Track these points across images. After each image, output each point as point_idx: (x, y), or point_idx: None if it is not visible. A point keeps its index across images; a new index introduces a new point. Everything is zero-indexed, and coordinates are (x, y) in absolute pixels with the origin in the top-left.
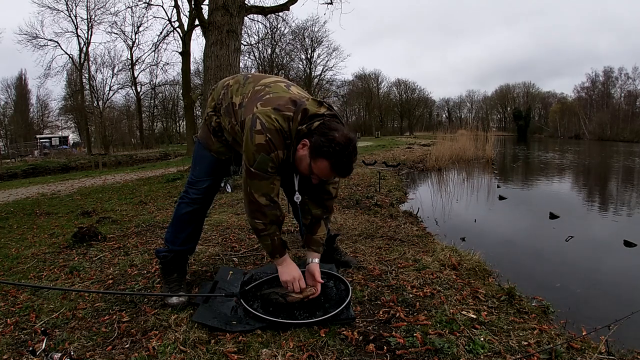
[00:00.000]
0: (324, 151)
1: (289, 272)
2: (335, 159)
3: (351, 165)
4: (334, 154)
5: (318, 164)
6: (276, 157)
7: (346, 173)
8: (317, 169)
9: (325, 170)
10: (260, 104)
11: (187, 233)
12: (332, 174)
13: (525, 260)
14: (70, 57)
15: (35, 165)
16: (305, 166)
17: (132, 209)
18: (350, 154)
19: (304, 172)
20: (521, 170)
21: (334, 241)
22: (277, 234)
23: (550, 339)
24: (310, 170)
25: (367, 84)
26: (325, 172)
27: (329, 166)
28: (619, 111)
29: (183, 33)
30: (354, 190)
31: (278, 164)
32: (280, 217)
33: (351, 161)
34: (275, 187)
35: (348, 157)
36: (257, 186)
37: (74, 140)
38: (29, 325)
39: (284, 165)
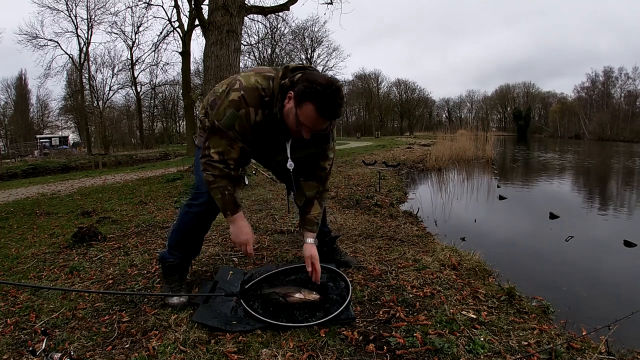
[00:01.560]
0: (307, 94)
1: (239, 233)
2: (319, 99)
3: (337, 106)
4: (317, 94)
5: (303, 110)
6: (246, 114)
7: (333, 114)
8: (304, 116)
9: (312, 115)
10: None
11: (194, 239)
12: (319, 118)
13: (525, 260)
14: (70, 57)
15: (35, 165)
16: (293, 119)
17: (132, 209)
18: (334, 94)
19: (292, 127)
20: (521, 171)
21: (334, 242)
22: (229, 189)
23: (550, 339)
24: (298, 122)
25: (367, 84)
26: (311, 117)
27: (314, 109)
28: (619, 111)
29: (183, 33)
30: (354, 190)
31: (247, 125)
32: (233, 175)
33: (336, 101)
34: (232, 152)
35: (332, 96)
36: (216, 142)
37: (74, 140)
38: (29, 325)
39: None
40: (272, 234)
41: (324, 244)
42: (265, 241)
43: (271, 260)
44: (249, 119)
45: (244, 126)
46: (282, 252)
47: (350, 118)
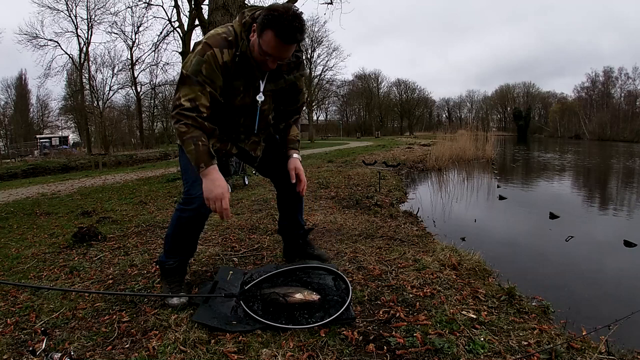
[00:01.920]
0: (266, 21)
1: (212, 186)
2: (277, 25)
3: (295, 30)
4: (275, 21)
5: (264, 38)
6: (213, 56)
7: (292, 38)
8: (265, 44)
9: (272, 41)
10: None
11: (190, 241)
12: (280, 44)
13: (525, 260)
14: (70, 57)
15: (35, 165)
16: (257, 50)
17: (132, 209)
18: (293, 19)
19: (258, 58)
20: (521, 171)
21: (307, 235)
22: (203, 140)
23: (550, 339)
24: (261, 52)
25: (367, 84)
26: (272, 44)
27: (273, 35)
28: (619, 111)
29: (183, 33)
30: (354, 190)
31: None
32: (207, 125)
33: (294, 25)
34: (203, 97)
35: (290, 20)
36: (186, 91)
37: (74, 140)
38: (29, 325)
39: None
40: (272, 234)
41: (299, 237)
42: (265, 241)
43: (271, 260)
44: (216, 60)
45: (211, 68)
46: (282, 251)
47: (350, 118)
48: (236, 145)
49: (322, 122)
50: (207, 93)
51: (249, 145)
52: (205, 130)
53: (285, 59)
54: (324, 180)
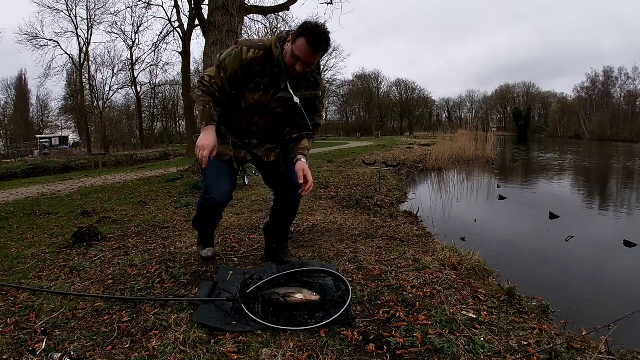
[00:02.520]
0: (300, 31)
1: (203, 138)
2: (310, 34)
3: (323, 40)
4: (308, 30)
5: (297, 44)
6: (239, 52)
7: (320, 47)
8: (298, 49)
9: (304, 47)
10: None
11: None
12: (310, 50)
13: (525, 260)
14: (70, 57)
15: (35, 165)
16: (289, 55)
17: (132, 209)
18: (322, 31)
19: (289, 62)
20: (521, 171)
21: (286, 242)
22: (210, 105)
23: (550, 339)
24: (293, 55)
25: (367, 84)
26: (304, 49)
27: (305, 42)
28: (619, 111)
29: (183, 33)
30: (354, 190)
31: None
32: (217, 96)
33: (323, 37)
34: (218, 78)
35: (320, 32)
36: (211, 70)
37: (74, 140)
38: (29, 325)
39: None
40: None
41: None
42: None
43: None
44: (240, 56)
45: (234, 62)
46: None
47: (350, 118)
48: (250, 152)
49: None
50: (221, 77)
51: (262, 151)
52: (215, 99)
53: (312, 65)
54: (324, 180)
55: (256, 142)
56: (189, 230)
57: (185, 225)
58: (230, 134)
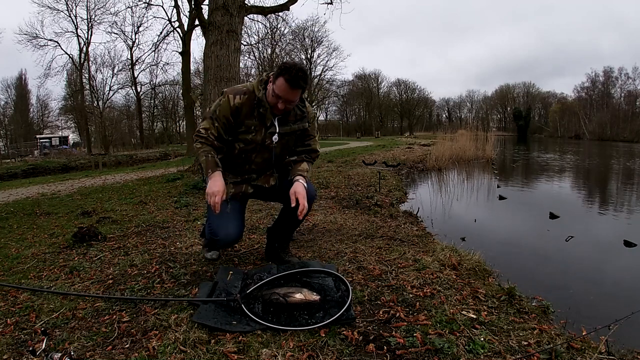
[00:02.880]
0: (279, 71)
1: (213, 184)
2: (287, 73)
3: (300, 78)
4: (286, 70)
5: (277, 84)
6: (226, 101)
7: (297, 84)
8: (278, 88)
9: (282, 85)
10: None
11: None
12: (288, 87)
13: (525, 260)
14: (70, 57)
15: (35, 165)
16: (271, 94)
17: (132, 209)
18: (299, 69)
19: (272, 101)
20: (521, 171)
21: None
22: (212, 153)
23: (550, 339)
24: (274, 94)
25: (367, 84)
26: (283, 87)
27: (284, 81)
28: (619, 111)
29: (183, 33)
30: (354, 190)
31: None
32: (216, 144)
33: (299, 74)
34: (213, 129)
35: (297, 70)
36: (204, 123)
37: (74, 140)
38: (29, 325)
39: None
40: None
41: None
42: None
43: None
44: (228, 104)
45: (224, 110)
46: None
47: (350, 118)
48: (250, 185)
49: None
50: (217, 127)
51: (262, 180)
52: (214, 148)
53: (292, 102)
54: (324, 180)
55: (255, 176)
56: (189, 230)
57: (185, 225)
58: (230, 174)
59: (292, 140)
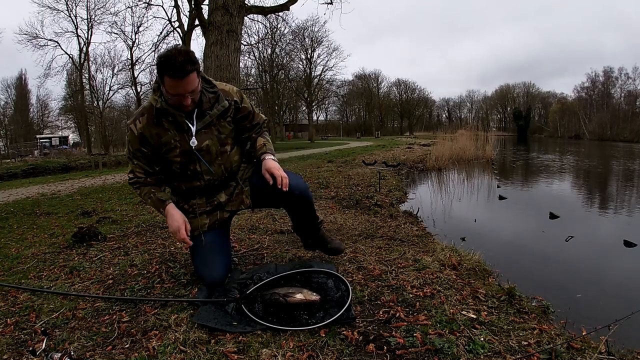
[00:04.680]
0: (159, 71)
1: (171, 222)
2: (165, 68)
3: (182, 63)
4: (162, 66)
5: (165, 83)
6: (131, 133)
7: (182, 71)
8: (169, 88)
9: (171, 82)
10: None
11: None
12: (176, 81)
13: (525, 260)
14: (70, 57)
15: (35, 165)
16: (170, 99)
17: (132, 209)
18: (174, 56)
19: (175, 103)
20: (521, 171)
21: (319, 229)
22: (152, 191)
23: (550, 339)
24: (171, 95)
25: (367, 84)
26: (172, 84)
27: (168, 77)
28: (619, 111)
29: (183, 33)
30: (354, 190)
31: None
32: (150, 181)
33: (178, 60)
34: (136, 167)
35: (173, 59)
36: (128, 167)
37: (74, 140)
38: (29, 325)
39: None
40: (272, 234)
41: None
42: (265, 241)
43: (271, 260)
44: (133, 134)
45: (133, 143)
46: (282, 252)
47: (350, 118)
48: (224, 210)
49: (322, 122)
50: (136, 164)
51: (235, 204)
52: (151, 184)
53: (193, 91)
54: (324, 180)
55: (224, 199)
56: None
57: None
58: (194, 204)
59: (226, 129)
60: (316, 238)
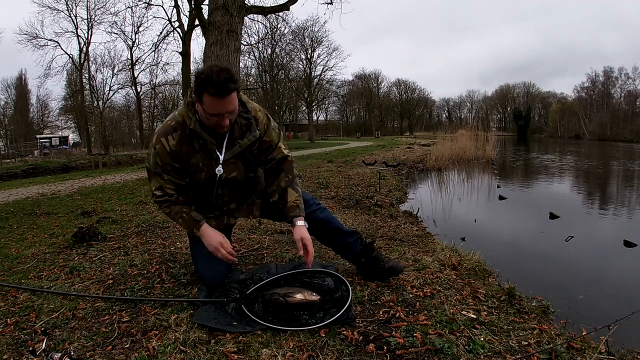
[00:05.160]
0: (199, 87)
1: (210, 240)
2: (208, 85)
3: (225, 81)
4: (205, 82)
5: (204, 102)
6: (161, 148)
7: (225, 89)
8: (207, 106)
9: (211, 101)
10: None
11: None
12: (218, 100)
13: (525, 260)
14: (70, 57)
15: (35, 165)
16: (204, 116)
17: (132, 209)
18: (218, 73)
19: (211, 124)
20: (521, 171)
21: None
22: (185, 211)
23: (550, 339)
24: (209, 115)
25: (367, 84)
26: (212, 104)
27: (209, 95)
28: (619, 111)
29: (183, 33)
30: (354, 190)
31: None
32: (181, 199)
33: (221, 78)
34: (166, 183)
35: (217, 76)
36: (153, 182)
37: (74, 140)
38: (29, 325)
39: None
40: (272, 234)
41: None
42: (265, 241)
43: (271, 260)
44: (164, 149)
45: (164, 157)
46: (282, 252)
47: (350, 118)
48: (233, 217)
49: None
50: (167, 178)
51: (244, 212)
52: (183, 203)
53: (232, 111)
54: (324, 180)
55: (234, 206)
56: None
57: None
58: (204, 210)
59: (251, 155)
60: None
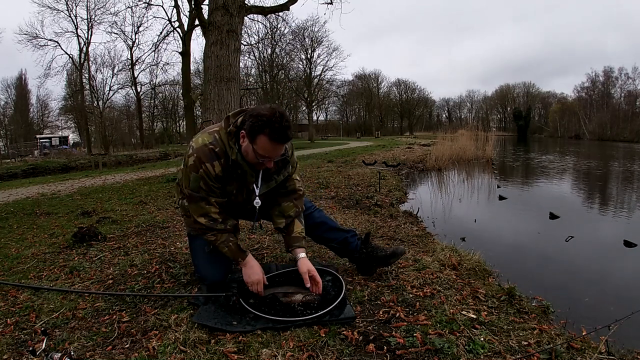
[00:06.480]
0: (257, 127)
1: (251, 273)
2: (268, 128)
3: (285, 129)
4: (266, 125)
5: (258, 142)
6: (206, 172)
7: (284, 137)
8: (261, 149)
9: (267, 144)
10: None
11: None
12: (275, 145)
13: (525, 260)
14: (70, 57)
15: (35, 165)
16: (252, 155)
17: (132, 209)
18: (280, 119)
19: (253, 161)
20: (521, 171)
21: (368, 240)
22: (231, 239)
23: (550, 339)
24: (258, 156)
25: (367, 84)
26: (268, 146)
27: (267, 139)
28: (619, 111)
29: (183, 33)
30: (354, 190)
31: (213, 178)
32: (228, 227)
33: (283, 125)
34: (212, 207)
35: (279, 121)
36: (195, 208)
37: (74, 140)
38: (29, 325)
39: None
40: (272, 234)
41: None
42: (265, 241)
43: (271, 260)
44: (209, 174)
45: (208, 182)
46: (282, 252)
47: (350, 118)
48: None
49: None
50: (213, 202)
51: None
52: (230, 231)
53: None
54: (324, 180)
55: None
56: None
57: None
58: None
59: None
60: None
